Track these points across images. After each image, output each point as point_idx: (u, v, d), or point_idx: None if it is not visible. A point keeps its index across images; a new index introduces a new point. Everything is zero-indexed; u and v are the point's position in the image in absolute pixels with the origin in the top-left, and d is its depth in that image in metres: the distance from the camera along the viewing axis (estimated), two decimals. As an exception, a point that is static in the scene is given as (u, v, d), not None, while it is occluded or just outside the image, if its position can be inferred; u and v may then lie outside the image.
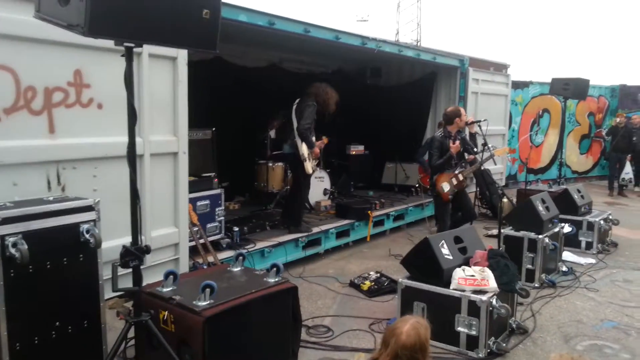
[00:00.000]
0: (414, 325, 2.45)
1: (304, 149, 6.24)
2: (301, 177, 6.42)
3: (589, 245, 7.10)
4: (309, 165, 6.29)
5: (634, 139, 12.40)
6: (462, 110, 6.58)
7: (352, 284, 5.58)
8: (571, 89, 9.08)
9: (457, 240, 4.55)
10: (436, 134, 6.63)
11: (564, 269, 6.15)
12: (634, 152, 12.40)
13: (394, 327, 2.49)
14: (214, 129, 6.03)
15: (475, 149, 6.78)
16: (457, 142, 6.36)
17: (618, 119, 12.84)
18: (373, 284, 5.46)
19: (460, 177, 6.40)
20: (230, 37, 6.18)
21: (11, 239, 2.83)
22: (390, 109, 9.63)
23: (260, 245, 5.82)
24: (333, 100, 6.44)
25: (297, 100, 6.38)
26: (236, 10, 5.11)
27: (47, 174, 3.58)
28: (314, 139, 6.31)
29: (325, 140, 6.79)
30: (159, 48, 3.85)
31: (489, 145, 7.09)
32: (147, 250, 2.91)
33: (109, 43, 2.67)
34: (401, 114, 9.53)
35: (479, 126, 6.73)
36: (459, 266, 4.27)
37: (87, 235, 3.17)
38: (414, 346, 2.40)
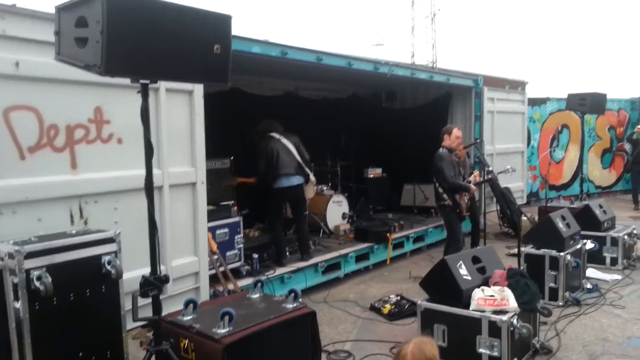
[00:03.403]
0: (417, 343, 2.46)
1: (312, 178, 6.58)
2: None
3: (614, 261, 6.97)
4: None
5: None
6: (454, 131, 6.40)
7: (373, 308, 5.57)
8: (588, 104, 8.99)
9: (476, 260, 4.52)
10: (441, 151, 6.34)
11: (589, 286, 6.04)
12: None
13: (399, 351, 2.50)
14: (232, 157, 6.15)
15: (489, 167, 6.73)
16: (476, 177, 6.40)
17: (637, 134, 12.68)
18: (393, 307, 5.45)
19: (467, 198, 6.36)
20: (247, 68, 6.34)
21: (36, 273, 2.94)
22: (406, 131, 9.65)
23: (279, 271, 5.86)
24: None
25: (279, 136, 6.37)
26: (249, 43, 5.25)
27: (70, 208, 3.70)
28: None
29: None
30: (175, 83, 3.99)
31: (509, 167, 7.09)
32: (166, 279, 2.98)
33: (127, 80, 2.79)
34: (418, 136, 9.51)
35: (477, 147, 6.70)
36: (478, 286, 4.24)
37: (108, 267, 3.28)
38: None
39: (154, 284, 2.89)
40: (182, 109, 4.52)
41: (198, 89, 4.60)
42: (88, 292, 3.23)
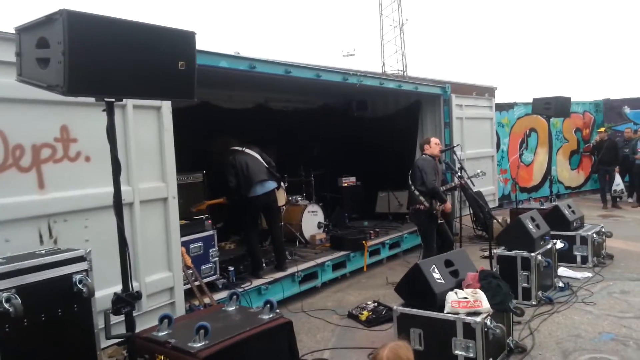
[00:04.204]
0: (392, 348, 2.50)
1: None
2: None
3: (584, 260, 7.13)
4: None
5: (626, 150, 12.58)
6: (432, 139, 6.70)
7: (351, 315, 5.60)
8: (553, 108, 9.21)
9: (448, 263, 4.60)
10: (425, 156, 6.58)
11: (561, 284, 6.18)
12: (622, 164, 12.54)
13: (375, 356, 2.53)
14: (204, 171, 6.14)
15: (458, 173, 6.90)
16: (449, 204, 6.68)
17: (599, 138, 13.07)
18: (371, 313, 5.49)
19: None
20: (215, 82, 6.37)
21: (4, 295, 2.89)
22: (378, 139, 9.78)
23: (256, 283, 5.85)
24: None
25: (242, 148, 6.43)
26: (217, 57, 5.27)
27: (39, 228, 3.65)
28: None
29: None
30: (142, 99, 3.98)
31: (479, 171, 7.26)
32: (138, 296, 2.96)
33: (92, 98, 2.79)
34: (389, 144, 9.68)
35: (454, 152, 6.87)
36: (452, 289, 4.31)
37: (79, 286, 3.24)
38: None
39: (126, 301, 2.88)
40: (150, 124, 4.51)
41: (166, 105, 4.59)
42: (60, 312, 3.18)
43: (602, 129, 13.40)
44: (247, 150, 6.40)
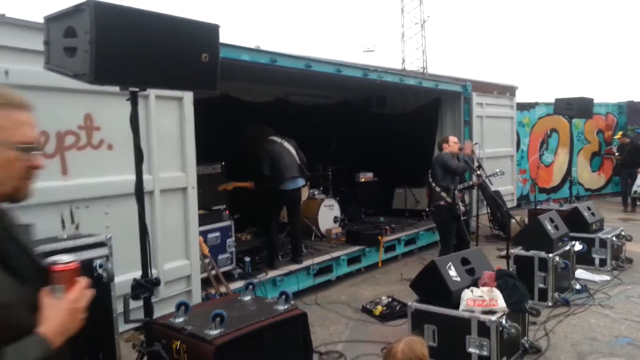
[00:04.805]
0: (407, 342, 2.51)
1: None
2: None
3: (602, 263, 7.05)
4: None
5: None
6: (450, 138, 6.70)
7: (364, 309, 5.62)
8: (575, 109, 9.09)
9: (465, 262, 4.59)
10: (444, 152, 6.58)
11: (578, 286, 6.12)
12: None
13: (389, 349, 2.55)
14: (223, 162, 6.20)
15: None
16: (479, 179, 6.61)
17: (621, 143, 12.86)
18: (385, 308, 5.50)
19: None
20: (236, 75, 6.41)
21: (27, 277, 2.96)
22: (397, 136, 9.76)
23: (272, 274, 5.90)
24: None
25: (280, 140, 6.47)
26: (239, 51, 5.31)
27: (61, 213, 3.74)
28: None
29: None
30: (165, 90, 4.04)
31: (498, 170, 7.20)
32: (157, 282, 3.01)
33: (116, 87, 2.83)
34: (408, 141, 9.65)
35: (472, 150, 6.84)
36: (467, 287, 4.30)
37: (100, 271, 3.31)
38: None
39: (145, 287, 2.92)
40: (172, 115, 4.57)
41: (188, 96, 4.65)
42: (80, 296, 3.25)
43: (619, 135, 13.20)
44: (285, 144, 6.45)
